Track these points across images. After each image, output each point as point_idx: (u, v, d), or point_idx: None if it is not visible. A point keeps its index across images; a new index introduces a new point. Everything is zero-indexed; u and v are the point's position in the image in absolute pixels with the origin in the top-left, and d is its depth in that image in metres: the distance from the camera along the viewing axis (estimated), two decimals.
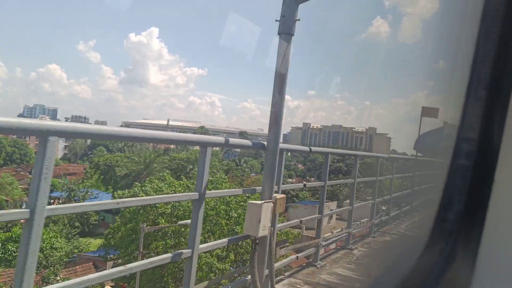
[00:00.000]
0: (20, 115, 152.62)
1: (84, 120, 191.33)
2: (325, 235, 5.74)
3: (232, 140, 4.23)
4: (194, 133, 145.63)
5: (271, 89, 3.99)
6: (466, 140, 1.20)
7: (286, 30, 4.00)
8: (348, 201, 7.56)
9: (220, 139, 3.93)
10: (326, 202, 5.37)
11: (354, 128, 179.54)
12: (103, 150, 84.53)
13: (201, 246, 3.47)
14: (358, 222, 7.04)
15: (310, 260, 5.96)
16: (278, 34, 4.04)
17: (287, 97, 4.16)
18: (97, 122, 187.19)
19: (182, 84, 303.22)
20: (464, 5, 1.38)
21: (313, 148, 5.56)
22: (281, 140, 4.11)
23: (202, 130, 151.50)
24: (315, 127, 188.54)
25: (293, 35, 4.05)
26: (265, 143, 4.12)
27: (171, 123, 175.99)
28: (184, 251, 3.35)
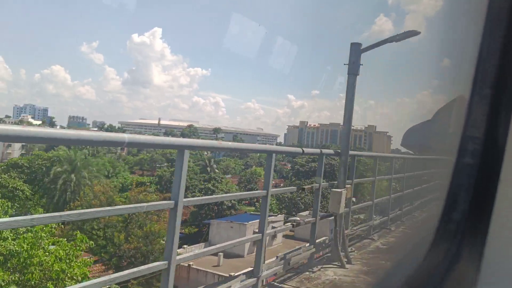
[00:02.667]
0: (8, 117, 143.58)
1: (82, 120, 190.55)
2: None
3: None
4: (181, 132, 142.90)
5: (274, 89, 4.00)
6: (472, 139, 1.19)
7: (353, 71, 5.75)
8: (307, 212, 7.61)
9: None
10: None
11: (353, 126, 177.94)
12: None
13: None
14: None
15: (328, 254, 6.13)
16: (348, 74, 5.74)
17: (290, 97, 4.20)
18: (95, 123, 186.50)
19: (185, 85, 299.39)
20: (468, 3, 1.37)
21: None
22: (282, 140, 4.13)
23: (191, 129, 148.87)
24: (312, 125, 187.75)
25: (358, 75, 5.77)
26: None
27: (162, 122, 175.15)
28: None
